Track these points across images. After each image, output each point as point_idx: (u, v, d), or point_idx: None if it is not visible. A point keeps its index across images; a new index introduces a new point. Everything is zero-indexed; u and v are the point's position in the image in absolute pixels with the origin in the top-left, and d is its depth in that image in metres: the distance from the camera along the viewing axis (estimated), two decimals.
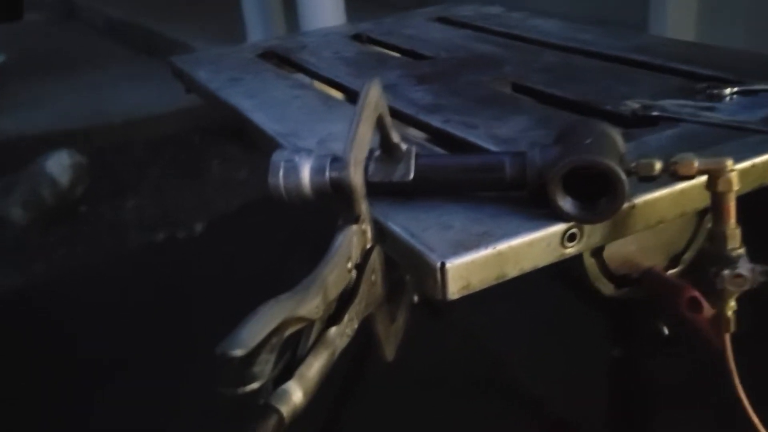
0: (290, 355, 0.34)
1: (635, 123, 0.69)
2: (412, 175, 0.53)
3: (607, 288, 0.70)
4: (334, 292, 0.39)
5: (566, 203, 0.50)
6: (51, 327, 1.63)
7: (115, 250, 2.05)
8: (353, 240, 0.42)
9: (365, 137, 0.47)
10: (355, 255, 0.43)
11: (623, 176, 0.48)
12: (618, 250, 0.70)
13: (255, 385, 0.29)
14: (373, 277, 0.45)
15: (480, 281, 0.49)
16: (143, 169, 2.71)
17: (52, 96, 3.08)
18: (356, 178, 0.44)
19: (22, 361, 1.47)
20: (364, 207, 0.45)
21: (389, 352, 0.52)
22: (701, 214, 0.73)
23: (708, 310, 0.65)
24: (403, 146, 0.54)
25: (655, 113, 0.68)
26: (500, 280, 0.50)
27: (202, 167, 2.65)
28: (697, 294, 0.65)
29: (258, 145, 0.82)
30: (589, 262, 0.68)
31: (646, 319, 0.79)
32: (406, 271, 0.54)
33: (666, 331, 0.77)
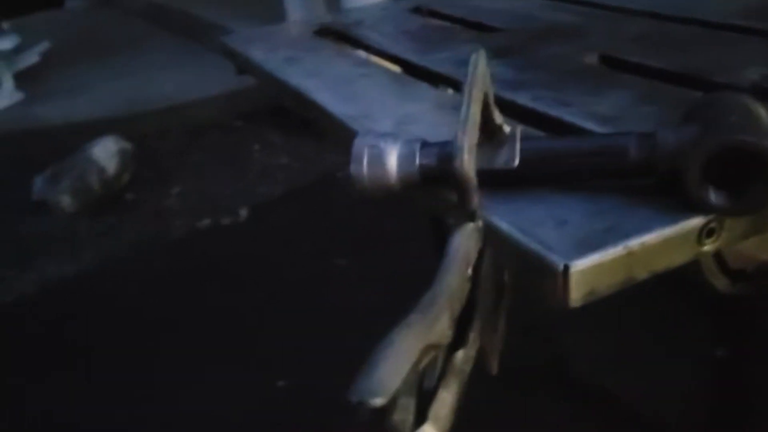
0: (418, 392, 0.27)
1: (758, 97, 0.60)
2: (517, 161, 0.46)
3: (722, 284, 0.62)
4: (458, 307, 0.32)
5: (710, 193, 0.42)
6: (105, 312, 1.63)
7: (161, 236, 2.04)
8: (471, 242, 0.36)
9: (477, 118, 0.40)
10: (473, 259, 0.36)
11: None
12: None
13: None
14: (486, 285, 0.39)
15: (607, 286, 0.42)
16: (185, 155, 2.69)
17: (94, 82, 3.08)
18: (471, 167, 0.38)
19: (80, 344, 1.46)
20: (478, 200, 0.38)
21: (494, 364, 0.45)
22: None
23: None
24: (506, 128, 0.47)
25: None
26: (627, 285, 0.43)
27: (244, 153, 2.62)
28: None
29: (322, 129, 0.76)
30: (707, 257, 0.60)
31: (757, 317, 0.70)
32: (513, 275, 0.47)
33: None
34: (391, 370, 0.23)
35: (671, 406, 0.88)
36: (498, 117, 0.47)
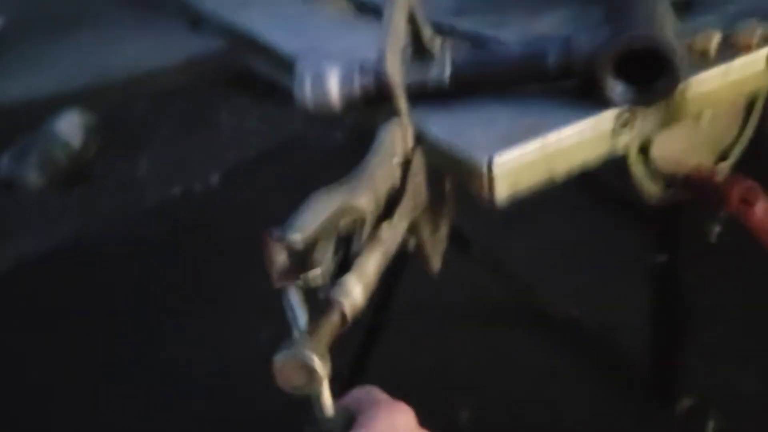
0: (344, 251, 0.31)
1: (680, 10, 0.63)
2: (448, 73, 0.50)
3: (654, 189, 0.67)
4: (382, 188, 0.36)
5: (618, 86, 0.46)
6: (83, 285, 1.65)
7: (133, 206, 2.05)
8: (397, 135, 0.39)
9: (400, 27, 0.43)
10: (399, 152, 0.40)
11: (679, 51, 0.44)
12: (664, 147, 0.66)
13: (317, 272, 0.26)
14: (417, 179, 0.42)
15: (529, 181, 0.46)
16: (152, 124, 2.67)
17: (54, 57, 3.02)
18: (395, 70, 0.41)
19: (60, 309, 1.49)
20: (403, 102, 0.42)
21: (435, 262, 0.49)
22: (748, 106, 0.68)
23: (762, 202, 0.62)
24: (437, 43, 0.50)
25: None
26: (549, 182, 0.47)
27: (212, 119, 2.61)
28: (750, 185, 0.61)
29: (276, 71, 0.78)
30: (636, 159, 0.64)
31: (692, 224, 0.75)
32: (449, 177, 0.50)
33: (714, 233, 0.74)
34: (311, 216, 0.26)
35: (626, 319, 0.94)
36: (427, 33, 0.50)
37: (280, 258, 0.25)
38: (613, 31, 0.47)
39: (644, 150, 0.65)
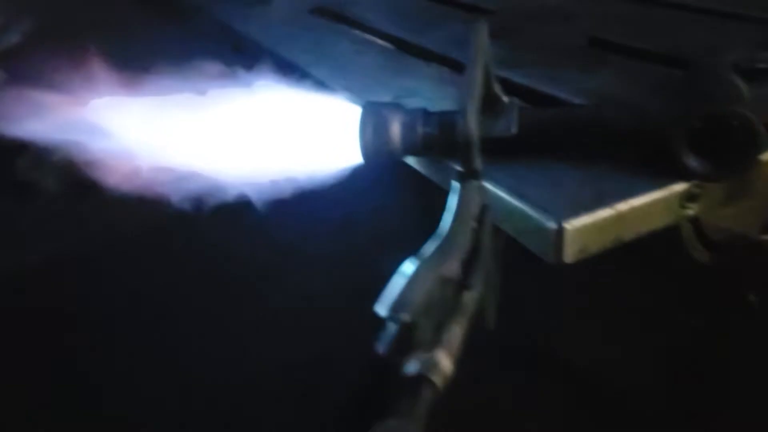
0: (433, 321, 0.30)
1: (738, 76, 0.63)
2: (515, 129, 0.49)
3: (702, 255, 0.66)
4: (464, 254, 0.35)
5: (692, 160, 0.45)
6: (103, 288, 1.62)
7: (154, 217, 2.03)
8: (474, 196, 0.38)
9: (480, 85, 0.42)
10: (475, 213, 0.39)
11: (761, 126, 0.43)
12: (713, 213, 0.65)
13: (421, 354, 0.25)
14: (488, 240, 0.41)
15: (597, 244, 0.45)
16: None
17: None
18: (475, 127, 0.40)
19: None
20: (480, 162, 0.41)
21: (491, 317, 0.48)
22: None
23: None
24: (505, 99, 0.50)
25: (762, 65, 0.62)
26: (615, 245, 0.46)
27: None
28: None
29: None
30: (686, 225, 0.64)
31: (733, 289, 0.74)
32: (503, 233, 0.50)
33: (754, 301, 0.73)
34: (415, 292, 0.25)
35: (648, 378, 0.92)
36: (497, 87, 0.49)
37: (389, 335, 0.24)
38: (688, 101, 0.46)
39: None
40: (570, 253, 0.44)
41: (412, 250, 0.33)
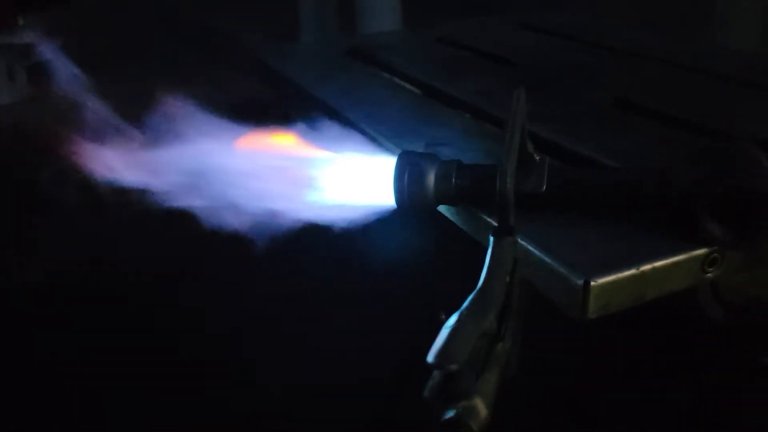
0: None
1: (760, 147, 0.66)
2: (545, 187, 0.52)
3: (717, 313, 0.68)
4: (499, 308, 0.37)
5: (715, 227, 0.47)
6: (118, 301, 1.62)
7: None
8: (509, 252, 0.41)
9: (517, 147, 0.45)
10: (508, 267, 0.41)
11: None
12: (730, 276, 0.67)
13: (465, 402, 0.27)
14: (518, 294, 0.44)
15: (620, 302, 0.47)
16: None
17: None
18: (512, 190, 0.43)
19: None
20: (513, 219, 0.44)
21: (514, 366, 0.50)
22: None
23: None
24: (536, 157, 0.53)
25: None
26: (637, 303, 0.48)
27: None
28: None
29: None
30: (704, 287, 0.66)
31: (746, 348, 0.76)
32: (538, 288, 0.52)
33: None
34: (461, 344, 0.28)
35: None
36: (530, 146, 0.52)
37: (435, 382, 0.27)
38: (714, 172, 0.49)
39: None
40: (594, 310, 0.46)
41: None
